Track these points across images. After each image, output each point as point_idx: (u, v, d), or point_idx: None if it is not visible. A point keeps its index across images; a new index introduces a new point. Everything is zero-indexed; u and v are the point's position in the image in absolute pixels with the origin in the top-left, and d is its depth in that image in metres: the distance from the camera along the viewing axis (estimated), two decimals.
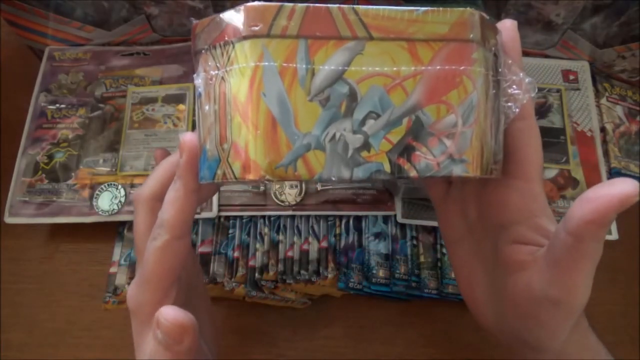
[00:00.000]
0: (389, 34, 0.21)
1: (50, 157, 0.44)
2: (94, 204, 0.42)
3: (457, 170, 0.22)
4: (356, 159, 0.21)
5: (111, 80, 0.47)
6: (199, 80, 0.22)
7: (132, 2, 0.44)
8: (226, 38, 0.21)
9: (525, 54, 0.48)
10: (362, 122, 0.21)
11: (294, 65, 0.20)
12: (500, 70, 0.24)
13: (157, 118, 0.45)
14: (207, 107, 0.22)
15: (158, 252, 0.23)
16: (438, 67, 0.21)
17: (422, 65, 0.21)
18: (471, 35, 0.21)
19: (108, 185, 0.42)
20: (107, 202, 0.42)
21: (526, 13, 0.43)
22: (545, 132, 0.45)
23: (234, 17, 0.20)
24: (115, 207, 0.42)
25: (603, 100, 0.48)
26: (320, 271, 0.41)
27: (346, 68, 0.21)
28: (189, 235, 0.24)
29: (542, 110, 0.46)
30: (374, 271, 0.41)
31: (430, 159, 0.22)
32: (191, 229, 0.26)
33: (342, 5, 0.20)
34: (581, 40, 0.46)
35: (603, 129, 0.47)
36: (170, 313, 0.22)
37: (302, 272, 0.41)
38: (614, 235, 0.41)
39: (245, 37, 0.20)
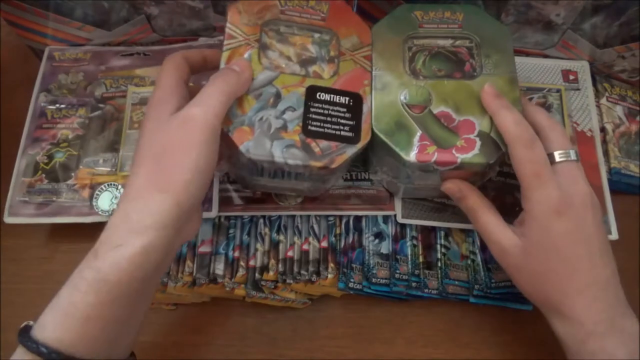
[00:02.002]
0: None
1: (50, 157, 0.44)
2: (94, 204, 0.42)
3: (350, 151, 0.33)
4: (276, 135, 0.33)
5: (111, 80, 0.47)
6: None
7: (132, 2, 0.44)
8: None
9: (525, 53, 0.48)
10: (283, 112, 0.33)
11: None
12: None
13: None
14: None
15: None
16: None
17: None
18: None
19: (108, 185, 0.42)
20: (107, 202, 0.42)
21: (526, 13, 0.43)
22: None
23: None
24: (116, 207, 0.42)
25: (603, 100, 0.48)
26: (321, 271, 0.41)
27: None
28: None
29: None
30: (374, 271, 0.41)
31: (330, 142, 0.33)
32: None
33: None
34: (581, 40, 0.46)
35: (603, 129, 0.47)
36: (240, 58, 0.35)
37: (302, 272, 0.41)
38: (614, 235, 0.41)
39: None
